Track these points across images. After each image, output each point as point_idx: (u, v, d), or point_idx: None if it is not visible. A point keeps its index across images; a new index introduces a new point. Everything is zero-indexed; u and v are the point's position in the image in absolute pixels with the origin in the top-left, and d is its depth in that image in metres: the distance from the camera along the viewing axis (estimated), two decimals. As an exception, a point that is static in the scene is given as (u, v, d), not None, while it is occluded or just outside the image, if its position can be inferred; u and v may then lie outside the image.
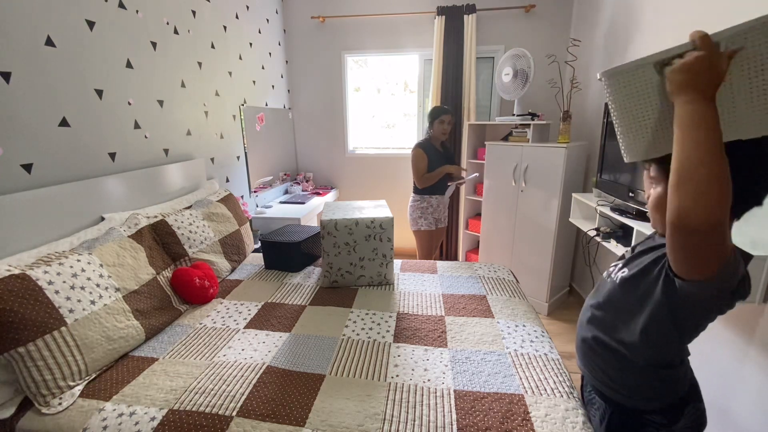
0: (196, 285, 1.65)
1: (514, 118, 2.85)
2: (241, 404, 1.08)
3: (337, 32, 3.49)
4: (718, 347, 1.54)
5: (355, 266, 1.83)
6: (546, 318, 2.75)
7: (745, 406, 1.41)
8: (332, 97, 3.67)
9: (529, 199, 2.73)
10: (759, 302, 1.33)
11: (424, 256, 2.72)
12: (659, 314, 0.80)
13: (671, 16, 1.92)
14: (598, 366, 0.95)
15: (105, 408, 1.08)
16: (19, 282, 1.10)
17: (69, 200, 1.49)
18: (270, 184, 3.26)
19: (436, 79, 3.31)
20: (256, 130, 3.02)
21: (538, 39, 3.22)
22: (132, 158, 1.85)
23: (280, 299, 1.72)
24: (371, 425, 1.03)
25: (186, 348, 1.37)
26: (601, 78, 0.79)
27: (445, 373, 1.23)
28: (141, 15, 1.88)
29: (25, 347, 1.07)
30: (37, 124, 1.40)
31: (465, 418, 1.05)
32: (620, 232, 2.01)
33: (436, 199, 2.62)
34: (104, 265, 1.37)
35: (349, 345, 1.38)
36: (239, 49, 2.81)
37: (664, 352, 0.85)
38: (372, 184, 3.82)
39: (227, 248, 2.03)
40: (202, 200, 2.10)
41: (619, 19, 2.44)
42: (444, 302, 1.69)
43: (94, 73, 1.63)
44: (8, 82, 1.30)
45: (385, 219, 1.80)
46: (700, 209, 0.61)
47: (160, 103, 2.02)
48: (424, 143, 2.54)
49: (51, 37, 1.44)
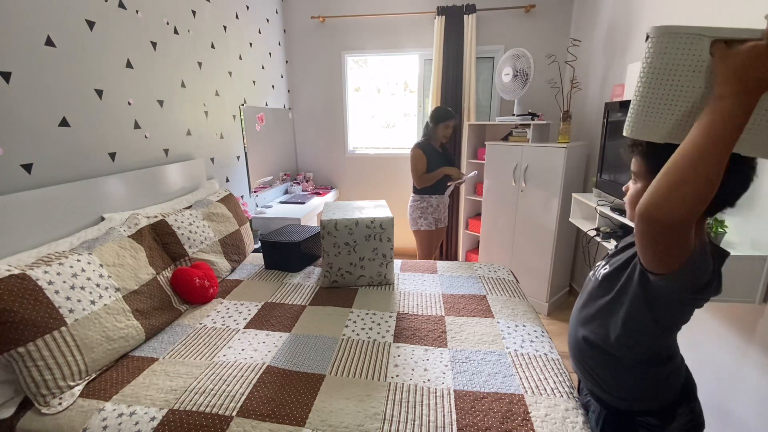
0: (196, 285, 1.65)
1: (514, 118, 2.85)
2: (241, 404, 1.08)
3: (337, 32, 3.49)
4: (717, 347, 1.54)
5: (355, 266, 1.83)
6: (546, 318, 2.75)
7: (745, 406, 1.41)
8: (332, 97, 3.67)
9: (529, 199, 2.73)
10: (759, 302, 1.33)
11: (424, 256, 2.72)
12: (637, 307, 0.80)
13: (671, 16, 1.92)
14: (590, 367, 0.95)
15: (105, 408, 1.08)
16: (19, 282, 1.10)
17: (69, 200, 1.49)
18: (270, 184, 3.26)
19: (436, 79, 3.31)
20: (256, 130, 3.02)
21: (538, 39, 3.21)
22: (132, 158, 1.85)
23: (280, 299, 1.72)
24: (371, 425, 1.03)
25: (186, 348, 1.37)
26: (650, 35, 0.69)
27: (445, 373, 1.23)
28: (141, 15, 1.88)
29: (25, 347, 1.07)
30: (37, 124, 1.40)
31: (465, 418, 1.05)
32: (620, 231, 2.01)
33: (435, 199, 2.62)
34: (104, 265, 1.37)
35: (349, 345, 1.38)
36: (239, 49, 2.81)
37: (649, 347, 0.85)
38: (372, 184, 3.82)
39: (227, 248, 2.03)
40: (202, 200, 2.10)
41: (619, 19, 2.44)
42: (444, 302, 1.69)
43: (94, 73, 1.63)
44: (8, 82, 1.30)
45: (385, 219, 1.80)
46: (669, 204, 0.61)
47: (160, 103, 2.02)
48: (424, 144, 2.54)
49: (51, 37, 1.44)
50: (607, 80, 2.60)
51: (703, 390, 0.97)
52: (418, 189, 2.59)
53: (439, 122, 2.51)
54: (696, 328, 1.64)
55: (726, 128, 0.60)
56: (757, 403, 1.36)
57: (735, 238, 1.43)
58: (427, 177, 2.51)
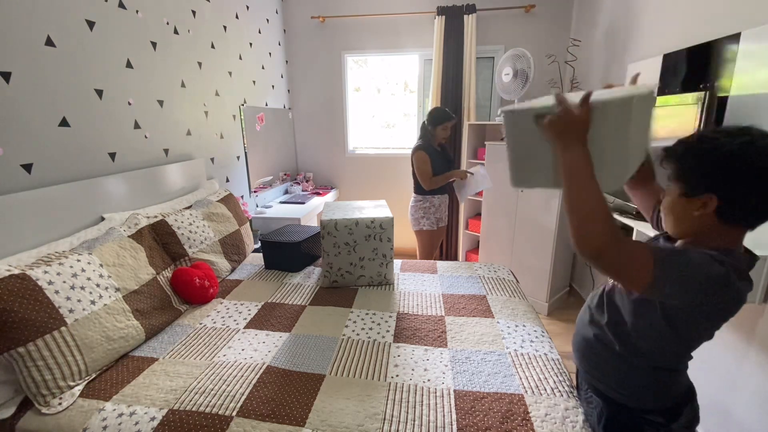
0: (196, 285, 1.65)
1: (514, 118, 2.84)
2: (241, 404, 1.08)
3: (337, 32, 3.49)
4: (718, 347, 1.54)
5: (355, 266, 1.83)
6: (546, 318, 2.74)
7: (745, 406, 1.41)
8: (332, 97, 3.67)
9: (529, 199, 2.73)
10: (759, 302, 1.33)
11: (425, 255, 2.72)
12: (654, 315, 0.80)
13: (671, 16, 1.92)
14: (599, 366, 0.95)
15: (105, 408, 1.08)
16: (19, 282, 1.10)
17: (69, 200, 1.49)
18: (270, 184, 3.26)
19: (436, 79, 3.31)
20: (256, 130, 3.02)
21: (538, 39, 3.21)
22: (132, 158, 1.85)
23: (280, 299, 1.72)
24: (371, 425, 1.03)
25: (186, 348, 1.37)
26: (500, 113, 0.92)
27: (445, 373, 1.23)
28: (141, 15, 1.88)
29: (25, 347, 1.07)
30: (37, 124, 1.40)
31: (465, 418, 1.05)
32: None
33: (438, 199, 2.61)
34: (104, 265, 1.37)
35: (349, 345, 1.38)
36: (239, 49, 2.81)
37: (665, 353, 0.85)
38: (372, 184, 3.82)
39: (227, 248, 2.03)
40: (202, 200, 2.10)
41: (619, 19, 2.44)
42: (444, 302, 1.69)
43: (94, 73, 1.63)
44: (8, 82, 1.30)
45: (385, 219, 1.80)
46: (583, 240, 0.74)
47: (160, 103, 2.02)
48: (426, 145, 2.53)
49: (51, 37, 1.44)
50: (607, 80, 2.60)
51: (703, 390, 0.97)
52: (420, 189, 2.58)
53: (438, 124, 2.49)
54: (696, 328, 1.64)
55: (576, 173, 0.77)
56: (757, 403, 1.36)
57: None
58: (436, 179, 2.50)
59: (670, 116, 1.72)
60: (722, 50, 1.50)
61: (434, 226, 2.63)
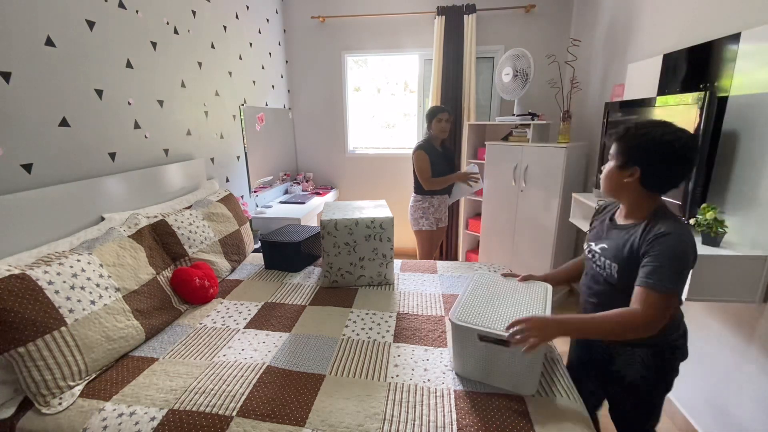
0: (196, 285, 1.65)
1: (514, 118, 2.85)
2: (241, 404, 1.08)
3: (337, 32, 3.49)
4: (718, 347, 1.54)
5: (355, 266, 1.83)
6: (546, 318, 2.74)
7: (745, 406, 1.41)
8: (332, 97, 3.67)
9: (529, 199, 2.73)
10: (759, 302, 1.33)
11: (425, 255, 2.72)
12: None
13: (671, 16, 1.92)
14: None
15: (105, 408, 1.08)
16: (19, 282, 1.10)
17: (69, 200, 1.49)
18: (270, 184, 3.26)
19: (436, 79, 3.31)
20: (256, 130, 3.02)
21: (538, 39, 3.22)
22: (132, 158, 1.85)
23: (280, 299, 1.72)
24: (371, 425, 1.03)
25: (186, 348, 1.37)
26: (451, 321, 1.14)
27: (445, 373, 1.23)
28: (141, 15, 1.88)
29: (25, 347, 1.07)
30: (37, 124, 1.40)
31: (465, 418, 1.05)
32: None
33: (437, 199, 2.62)
34: (104, 265, 1.37)
35: (349, 345, 1.38)
36: (239, 49, 2.81)
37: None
38: (372, 184, 3.82)
39: (227, 248, 2.03)
40: (202, 200, 2.10)
41: (619, 19, 2.44)
42: (444, 302, 1.69)
43: (94, 73, 1.63)
44: (8, 82, 1.30)
45: (385, 219, 1.80)
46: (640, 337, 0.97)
47: (160, 103, 2.02)
48: (425, 144, 2.54)
49: (51, 37, 1.44)
50: (607, 80, 2.60)
51: (703, 390, 0.98)
52: (420, 189, 2.59)
53: (432, 117, 2.51)
54: (696, 328, 1.64)
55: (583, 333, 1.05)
56: (757, 403, 1.36)
57: (735, 238, 1.43)
58: (435, 181, 2.50)
59: (670, 116, 1.70)
60: (722, 50, 1.50)
61: (433, 226, 2.63)
